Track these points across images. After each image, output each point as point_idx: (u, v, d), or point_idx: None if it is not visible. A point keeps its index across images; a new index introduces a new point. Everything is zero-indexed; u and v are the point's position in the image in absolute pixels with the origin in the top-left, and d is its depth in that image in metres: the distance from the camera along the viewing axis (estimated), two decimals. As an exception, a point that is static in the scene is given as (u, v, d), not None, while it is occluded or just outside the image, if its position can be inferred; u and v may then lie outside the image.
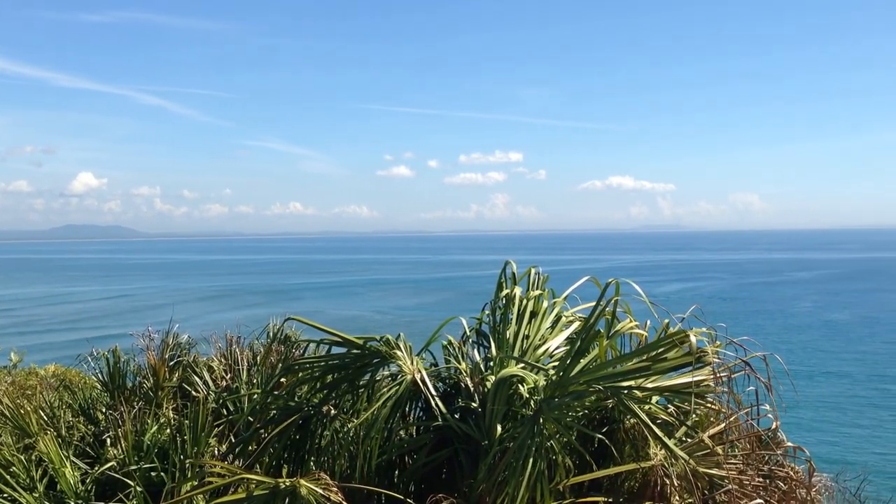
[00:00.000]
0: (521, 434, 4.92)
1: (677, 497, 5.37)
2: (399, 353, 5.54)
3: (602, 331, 5.55)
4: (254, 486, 4.64)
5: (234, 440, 6.12)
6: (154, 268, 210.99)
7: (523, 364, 5.48)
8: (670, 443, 5.03)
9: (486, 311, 6.20)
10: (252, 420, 6.05)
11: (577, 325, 6.06)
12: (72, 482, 5.62)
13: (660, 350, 5.03)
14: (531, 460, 4.79)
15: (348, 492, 4.79)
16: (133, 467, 5.65)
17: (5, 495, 5.44)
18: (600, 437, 5.47)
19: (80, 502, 5.58)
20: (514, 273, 6.27)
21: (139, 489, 5.41)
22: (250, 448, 5.76)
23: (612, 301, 5.71)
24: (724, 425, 5.72)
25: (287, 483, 4.49)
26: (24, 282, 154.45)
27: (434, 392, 5.44)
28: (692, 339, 4.88)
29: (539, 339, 5.89)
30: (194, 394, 6.91)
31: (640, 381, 5.02)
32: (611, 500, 5.47)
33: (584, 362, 5.18)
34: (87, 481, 5.69)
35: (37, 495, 5.55)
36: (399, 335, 5.68)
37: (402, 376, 5.41)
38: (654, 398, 5.36)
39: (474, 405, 5.48)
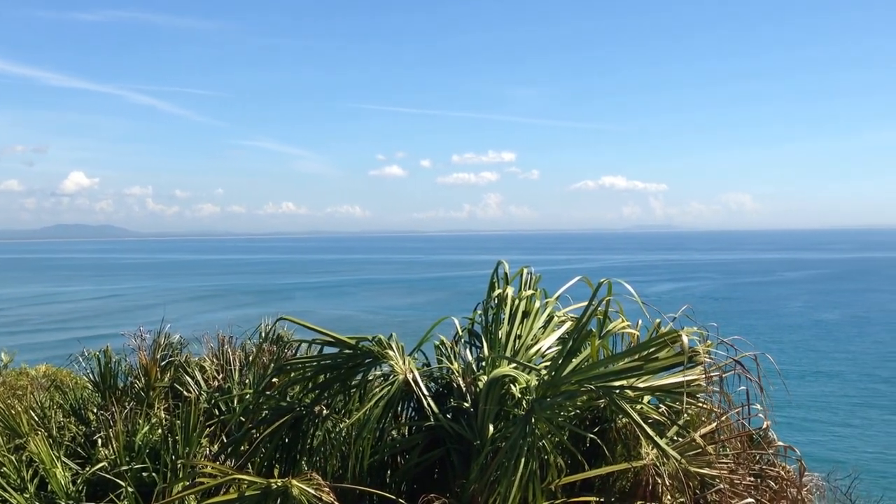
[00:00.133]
0: (512, 434, 4.92)
1: (669, 496, 5.38)
2: (391, 352, 5.54)
3: (594, 330, 5.56)
4: (245, 486, 4.63)
5: (225, 440, 6.11)
6: (145, 267, 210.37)
7: (515, 364, 5.48)
8: (662, 442, 5.03)
9: (479, 311, 6.20)
10: (244, 420, 6.04)
11: (569, 324, 6.06)
12: (63, 482, 5.60)
13: (651, 350, 5.05)
14: (523, 460, 4.79)
15: (340, 492, 4.79)
16: (124, 468, 5.64)
17: (-4, 496, 5.43)
18: (592, 436, 5.47)
19: (70, 503, 5.56)
20: (506, 273, 6.27)
21: (130, 490, 5.40)
22: (242, 448, 5.75)
23: (604, 301, 5.72)
24: (715, 425, 5.74)
25: (279, 483, 4.49)
26: (14, 281, 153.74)
27: (426, 392, 5.44)
28: (683, 338, 4.89)
29: (531, 339, 5.90)
30: (186, 394, 6.90)
31: (632, 380, 5.03)
32: (602, 499, 5.47)
33: (575, 362, 5.18)
34: (79, 482, 5.68)
35: (27, 496, 5.53)
36: (391, 335, 5.68)
37: (394, 376, 5.41)
38: (646, 398, 5.37)
39: (466, 405, 5.48)
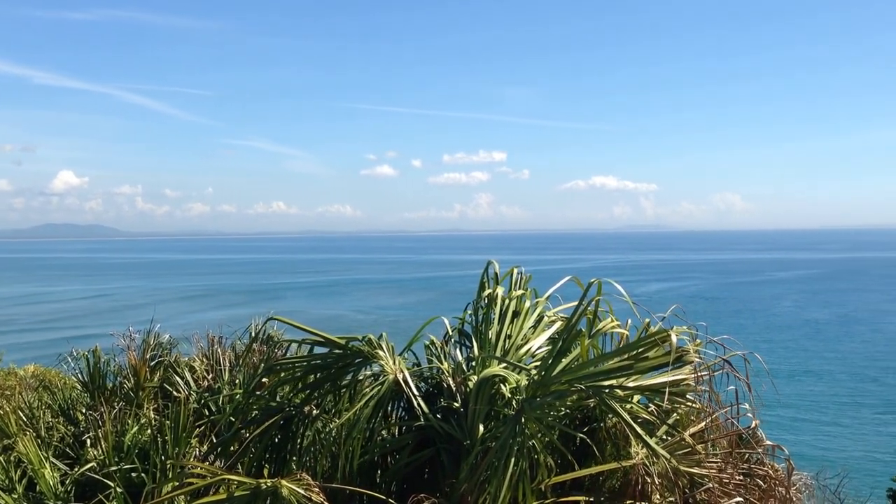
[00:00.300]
0: (503, 434, 4.92)
1: (658, 495, 5.40)
2: (381, 352, 5.53)
3: (584, 330, 5.57)
4: (235, 486, 4.62)
5: (215, 441, 6.09)
6: (135, 267, 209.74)
7: (505, 364, 5.48)
8: (651, 441, 5.04)
9: (469, 311, 6.20)
10: (234, 420, 6.02)
11: (559, 324, 6.07)
12: (51, 483, 5.58)
13: (641, 349, 5.06)
14: (513, 460, 4.80)
15: (330, 492, 4.78)
16: (113, 468, 5.62)
17: (-16, 496, 5.40)
18: (582, 436, 5.48)
19: (59, 503, 5.54)
20: (496, 273, 6.27)
21: (119, 490, 5.37)
22: (232, 448, 5.73)
23: (594, 301, 5.73)
24: (704, 424, 5.75)
25: (269, 483, 4.48)
26: (2, 281, 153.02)
27: (416, 392, 5.44)
28: (673, 338, 4.90)
29: (521, 339, 5.90)
30: (175, 394, 6.89)
31: (622, 380, 5.03)
32: (592, 499, 5.48)
33: (565, 362, 5.19)
34: (67, 482, 5.66)
35: (16, 496, 5.51)
36: (381, 335, 5.68)
37: (385, 376, 5.40)
38: (636, 397, 5.38)
39: (456, 405, 5.48)
